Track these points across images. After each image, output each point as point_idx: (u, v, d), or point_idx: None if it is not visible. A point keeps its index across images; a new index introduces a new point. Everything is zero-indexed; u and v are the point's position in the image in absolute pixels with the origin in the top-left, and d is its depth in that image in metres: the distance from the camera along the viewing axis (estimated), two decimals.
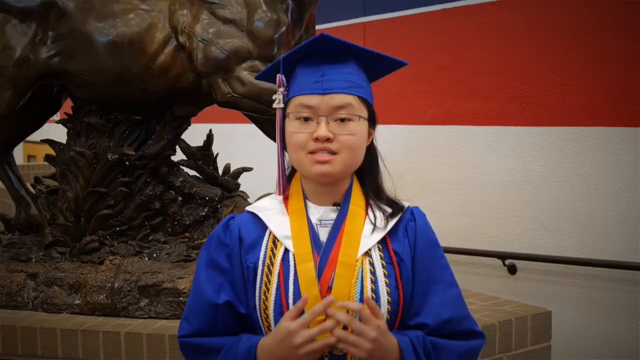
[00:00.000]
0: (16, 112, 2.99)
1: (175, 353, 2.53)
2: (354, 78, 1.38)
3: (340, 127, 1.35)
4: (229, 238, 1.44)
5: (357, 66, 1.40)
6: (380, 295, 1.36)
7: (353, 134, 1.36)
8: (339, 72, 1.37)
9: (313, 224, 1.41)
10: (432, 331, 1.39)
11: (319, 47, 1.38)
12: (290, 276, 1.36)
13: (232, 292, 1.41)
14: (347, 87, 1.36)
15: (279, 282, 1.36)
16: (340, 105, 1.35)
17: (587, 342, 3.63)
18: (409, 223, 1.44)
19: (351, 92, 1.36)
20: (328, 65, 1.37)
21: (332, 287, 1.34)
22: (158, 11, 2.88)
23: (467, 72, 4.20)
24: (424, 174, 4.37)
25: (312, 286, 1.34)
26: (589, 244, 3.67)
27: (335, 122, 1.35)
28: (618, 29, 3.56)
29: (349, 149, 1.36)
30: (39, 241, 3.12)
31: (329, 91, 1.35)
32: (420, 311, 1.40)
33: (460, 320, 1.41)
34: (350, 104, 1.36)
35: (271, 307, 1.36)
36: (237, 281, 1.41)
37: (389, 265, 1.39)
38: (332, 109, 1.35)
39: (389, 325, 1.37)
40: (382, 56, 1.42)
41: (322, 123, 1.34)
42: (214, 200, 3.07)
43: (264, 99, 2.68)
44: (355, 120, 1.36)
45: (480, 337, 1.43)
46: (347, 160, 1.37)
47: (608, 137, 3.61)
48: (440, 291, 1.41)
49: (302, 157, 1.37)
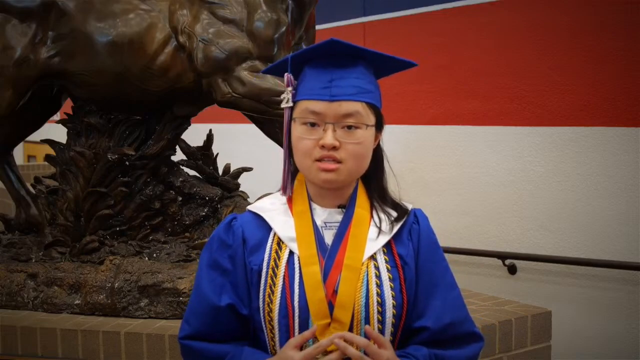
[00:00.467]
0: (16, 112, 2.98)
1: (175, 353, 2.52)
2: (362, 83, 1.36)
3: (347, 135, 1.34)
4: (232, 239, 1.43)
5: (365, 69, 1.39)
6: (385, 299, 1.36)
7: (359, 142, 1.35)
8: (347, 77, 1.35)
9: (318, 227, 1.40)
10: (434, 334, 1.39)
11: (328, 50, 1.37)
12: (295, 279, 1.36)
13: (233, 294, 1.40)
14: (355, 93, 1.35)
15: (284, 285, 1.36)
16: (347, 113, 1.34)
17: (587, 342, 3.63)
18: (413, 226, 1.44)
19: (359, 99, 1.35)
20: (336, 69, 1.36)
21: (338, 291, 1.34)
22: (158, 11, 2.88)
23: (467, 72, 4.20)
24: (424, 174, 4.37)
25: (318, 289, 1.33)
26: (589, 244, 3.67)
27: (342, 130, 1.34)
28: (618, 29, 3.56)
29: (355, 158, 1.35)
30: (39, 241, 3.12)
31: (337, 98, 1.33)
32: (422, 314, 1.40)
33: (461, 323, 1.42)
34: (358, 111, 1.34)
35: (276, 310, 1.35)
36: (239, 283, 1.41)
37: (393, 269, 1.39)
38: (340, 116, 1.33)
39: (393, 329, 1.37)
40: (392, 58, 1.41)
41: (329, 130, 1.33)
42: (214, 200, 3.07)
43: (264, 99, 2.68)
44: (363, 128, 1.35)
45: (479, 340, 1.45)
46: (353, 169, 1.36)
47: (608, 137, 3.61)
48: (442, 294, 1.42)
49: (308, 164, 1.36)
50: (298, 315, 1.34)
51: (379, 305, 1.35)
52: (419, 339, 1.41)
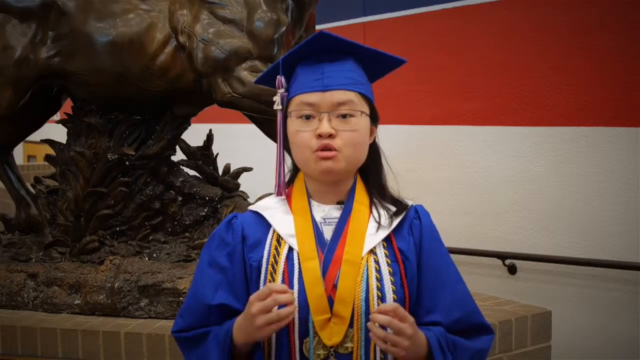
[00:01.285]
0: (16, 112, 2.99)
1: (175, 353, 2.52)
2: (353, 75, 1.39)
3: (342, 123, 1.35)
4: (231, 237, 1.44)
5: (356, 64, 1.41)
6: (385, 293, 1.36)
7: (355, 129, 1.36)
8: (339, 69, 1.38)
9: (317, 223, 1.40)
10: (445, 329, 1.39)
11: (318, 45, 1.38)
12: (294, 275, 1.36)
13: (229, 292, 1.40)
14: (347, 83, 1.37)
15: (283, 281, 1.36)
16: (341, 101, 1.35)
17: (587, 342, 3.63)
18: (414, 221, 1.44)
19: (352, 89, 1.37)
20: (327, 63, 1.38)
21: (337, 286, 1.34)
22: (158, 11, 2.88)
23: (467, 72, 4.20)
24: (424, 174, 4.37)
25: (317, 285, 1.34)
26: (589, 244, 3.67)
27: (337, 119, 1.35)
28: (618, 29, 3.56)
29: (352, 145, 1.36)
30: (39, 241, 3.12)
31: (330, 88, 1.36)
32: (432, 309, 1.40)
33: (470, 315, 1.43)
34: (351, 100, 1.36)
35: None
36: (236, 280, 1.41)
37: (394, 263, 1.39)
38: (333, 105, 1.35)
39: None
40: (380, 53, 1.42)
41: (324, 120, 1.35)
42: (214, 200, 3.07)
43: (264, 99, 2.68)
44: (357, 115, 1.36)
45: (489, 332, 1.44)
46: (350, 157, 1.37)
47: (608, 137, 3.61)
48: (449, 289, 1.42)
49: (307, 156, 1.37)
50: (298, 311, 1.33)
51: (380, 300, 1.35)
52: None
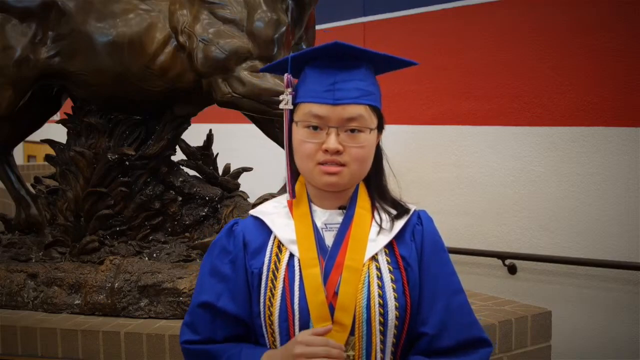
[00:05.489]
0: (16, 112, 2.99)
1: (175, 353, 2.53)
2: (364, 85, 1.35)
3: (351, 138, 1.33)
4: (233, 244, 1.42)
5: (367, 70, 1.37)
6: (387, 301, 1.34)
7: (363, 146, 1.34)
8: (350, 80, 1.34)
9: (318, 228, 1.39)
10: (435, 341, 1.36)
11: (331, 51, 1.35)
12: (295, 281, 1.34)
13: (232, 300, 1.39)
14: (358, 96, 1.33)
15: (284, 288, 1.34)
16: (351, 117, 1.32)
17: (587, 342, 3.63)
18: (416, 227, 1.42)
19: (362, 102, 1.34)
20: (339, 71, 1.34)
21: (339, 292, 1.32)
22: (158, 11, 2.88)
23: (467, 72, 4.21)
24: (424, 174, 4.37)
25: (318, 292, 1.32)
26: (589, 244, 3.67)
27: (345, 133, 1.33)
28: (618, 29, 3.56)
29: (358, 162, 1.34)
30: (39, 241, 3.12)
31: (340, 102, 1.32)
32: (425, 320, 1.37)
33: (467, 329, 1.39)
34: (362, 115, 1.33)
35: (276, 313, 1.34)
36: (239, 288, 1.40)
37: (396, 270, 1.37)
38: (343, 120, 1.32)
39: (396, 331, 1.35)
40: (393, 58, 1.40)
41: (332, 135, 1.32)
42: (214, 200, 3.07)
43: (264, 99, 2.68)
44: (366, 132, 1.34)
45: (487, 345, 1.41)
46: (355, 172, 1.35)
47: (608, 137, 3.61)
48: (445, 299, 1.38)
49: (310, 167, 1.35)
50: (299, 319, 1.32)
51: (381, 307, 1.33)
52: (421, 345, 1.38)
